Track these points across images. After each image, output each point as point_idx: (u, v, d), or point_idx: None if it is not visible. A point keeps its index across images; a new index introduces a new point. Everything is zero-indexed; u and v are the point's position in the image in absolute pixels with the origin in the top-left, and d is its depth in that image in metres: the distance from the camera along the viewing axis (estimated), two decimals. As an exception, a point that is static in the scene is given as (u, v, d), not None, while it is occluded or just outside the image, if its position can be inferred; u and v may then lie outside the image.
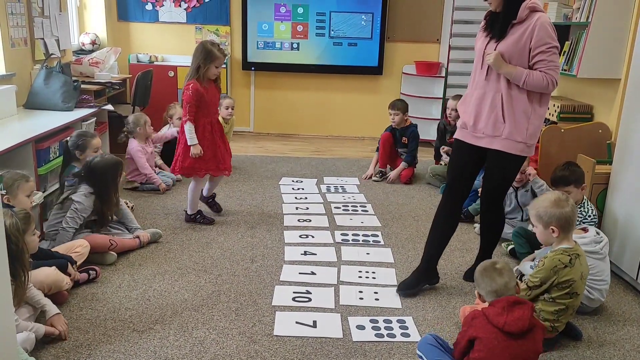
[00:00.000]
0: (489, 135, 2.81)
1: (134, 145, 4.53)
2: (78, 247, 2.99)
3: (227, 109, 5.11)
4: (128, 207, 3.83)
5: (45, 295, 2.54)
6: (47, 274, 2.61)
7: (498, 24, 2.77)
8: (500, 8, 2.75)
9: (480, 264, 2.33)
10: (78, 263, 2.95)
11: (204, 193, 3.99)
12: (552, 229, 2.51)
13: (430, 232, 3.04)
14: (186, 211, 3.86)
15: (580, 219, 3.22)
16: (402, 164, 5.00)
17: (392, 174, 5.00)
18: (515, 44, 2.70)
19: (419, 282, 3.01)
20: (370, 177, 5.09)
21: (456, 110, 4.77)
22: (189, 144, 3.55)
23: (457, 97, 4.97)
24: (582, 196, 3.29)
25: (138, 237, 3.40)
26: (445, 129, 5.08)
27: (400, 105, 5.05)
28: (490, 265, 2.28)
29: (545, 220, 2.52)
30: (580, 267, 2.49)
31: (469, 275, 3.17)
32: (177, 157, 3.67)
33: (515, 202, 3.69)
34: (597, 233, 2.84)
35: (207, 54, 3.50)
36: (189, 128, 3.53)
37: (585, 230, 2.85)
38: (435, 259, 3.04)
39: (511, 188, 3.66)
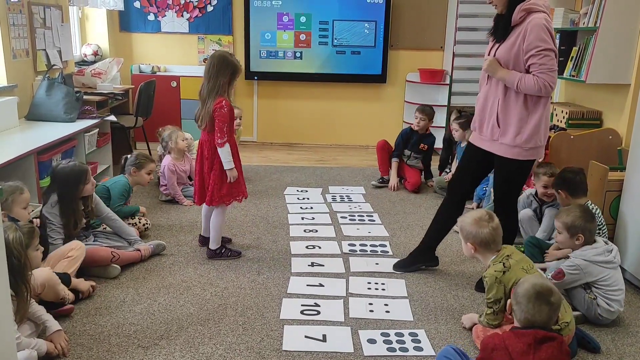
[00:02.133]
0: (489, 139, 2.92)
1: (167, 162, 4.43)
2: (71, 251, 2.89)
3: (235, 119, 5.07)
4: (142, 225, 3.76)
5: (40, 297, 2.46)
6: (39, 273, 2.50)
7: (501, 27, 2.80)
8: (504, 10, 2.77)
9: (533, 283, 2.10)
10: (74, 267, 2.85)
11: (203, 232, 3.55)
12: (469, 244, 2.58)
13: (432, 221, 3.25)
14: (208, 247, 3.42)
15: None
16: (429, 179, 5.12)
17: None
18: (510, 48, 2.73)
19: (415, 262, 3.26)
20: (396, 189, 4.97)
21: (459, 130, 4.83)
22: (227, 167, 3.17)
23: (459, 116, 4.94)
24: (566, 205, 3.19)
25: (139, 249, 3.33)
26: (452, 140, 5.04)
27: (428, 111, 5.04)
28: (546, 293, 2.04)
29: (463, 235, 2.62)
30: (518, 263, 2.47)
31: (480, 286, 3.10)
32: (212, 186, 3.23)
33: (539, 214, 3.60)
34: (606, 242, 2.77)
35: (234, 69, 3.13)
36: (228, 150, 3.15)
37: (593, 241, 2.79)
38: (433, 244, 3.24)
39: (535, 202, 3.60)
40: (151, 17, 6.44)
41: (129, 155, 3.99)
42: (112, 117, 4.77)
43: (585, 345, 2.51)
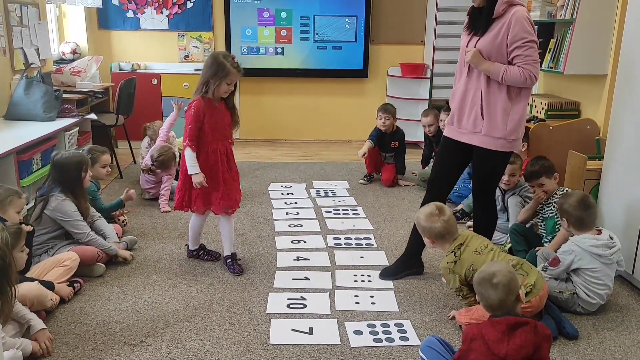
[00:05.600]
0: (470, 132, 2.89)
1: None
2: (67, 260, 2.89)
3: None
4: (122, 222, 3.75)
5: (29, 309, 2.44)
6: (29, 288, 2.50)
7: (481, 20, 2.80)
8: (483, 3, 2.79)
9: (480, 271, 2.18)
10: (67, 277, 2.85)
11: (226, 251, 3.27)
12: (426, 239, 2.71)
13: (414, 227, 3.09)
14: (187, 245, 3.39)
15: (554, 213, 3.23)
16: (399, 175, 5.06)
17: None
18: (493, 40, 2.74)
19: (402, 271, 3.15)
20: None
21: (432, 125, 4.83)
22: (189, 172, 2.98)
23: (429, 112, 4.96)
24: (556, 186, 3.28)
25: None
26: (430, 139, 5.07)
27: (392, 110, 5.01)
28: (488, 277, 2.09)
29: (420, 231, 2.73)
30: (469, 247, 2.57)
31: None
32: (180, 190, 3.10)
33: (502, 204, 3.68)
34: (611, 237, 2.76)
35: (218, 68, 2.91)
36: (189, 154, 2.96)
37: (599, 231, 2.80)
38: (417, 250, 3.16)
39: (498, 191, 3.66)
40: (130, 14, 6.38)
41: (83, 148, 3.78)
42: (93, 116, 4.72)
43: (561, 330, 2.55)
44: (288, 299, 2.87)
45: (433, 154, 5.14)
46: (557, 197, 3.23)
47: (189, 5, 6.39)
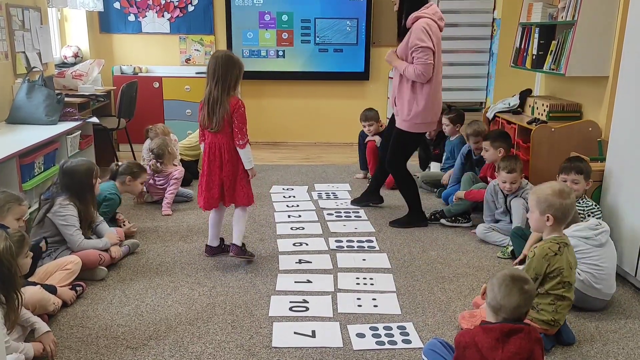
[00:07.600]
0: (397, 115, 3.85)
1: (177, 170, 4.45)
2: (69, 264, 2.89)
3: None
4: (126, 226, 3.75)
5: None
6: (32, 292, 2.51)
7: (399, 27, 3.80)
8: (396, 8, 3.80)
9: (509, 269, 2.14)
10: (69, 281, 2.86)
11: (211, 241, 3.43)
12: (547, 216, 2.47)
13: (374, 172, 4.55)
14: (235, 244, 3.28)
15: (585, 212, 3.23)
16: None
17: None
18: (405, 45, 3.67)
19: (364, 201, 4.42)
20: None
21: (434, 131, 4.84)
22: (249, 167, 3.19)
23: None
24: (584, 191, 3.29)
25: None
26: (425, 140, 5.05)
27: (372, 115, 5.05)
28: (519, 280, 2.01)
29: (542, 207, 2.48)
30: (569, 255, 2.48)
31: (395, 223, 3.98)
32: (246, 188, 3.25)
33: (504, 207, 3.68)
34: (599, 224, 2.80)
35: (241, 67, 3.12)
36: (250, 150, 3.17)
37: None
38: (377, 187, 4.43)
39: (501, 193, 3.67)
40: (131, 18, 6.39)
41: (119, 163, 3.97)
42: (95, 119, 4.73)
43: (559, 339, 2.50)
44: (290, 302, 2.86)
45: (431, 155, 5.16)
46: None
47: (190, 8, 6.40)
